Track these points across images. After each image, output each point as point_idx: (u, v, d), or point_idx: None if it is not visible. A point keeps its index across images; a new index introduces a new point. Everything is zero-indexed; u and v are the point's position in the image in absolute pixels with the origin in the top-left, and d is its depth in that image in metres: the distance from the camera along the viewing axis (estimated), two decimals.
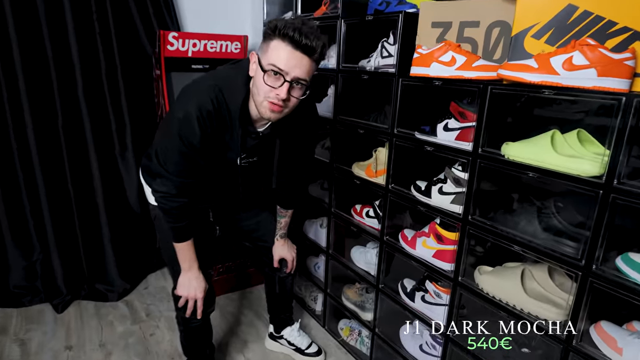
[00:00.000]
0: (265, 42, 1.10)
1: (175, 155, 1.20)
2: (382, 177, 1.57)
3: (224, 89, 1.16)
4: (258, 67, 1.11)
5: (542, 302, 1.15)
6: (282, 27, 1.04)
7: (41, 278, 2.05)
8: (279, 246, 1.65)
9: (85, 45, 1.95)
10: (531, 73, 1.00)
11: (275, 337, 1.85)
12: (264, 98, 1.13)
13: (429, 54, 1.27)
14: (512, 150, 1.13)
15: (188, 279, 1.38)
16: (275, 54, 1.07)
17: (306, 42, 1.05)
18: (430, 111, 1.45)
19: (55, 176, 1.99)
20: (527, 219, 1.18)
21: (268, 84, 1.10)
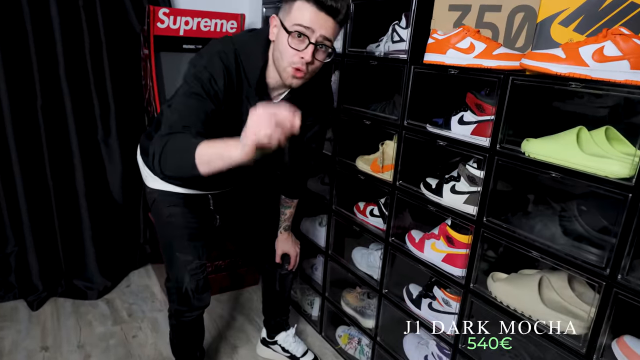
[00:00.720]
0: (287, 4, 1.12)
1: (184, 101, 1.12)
2: (389, 173, 1.55)
3: (241, 54, 1.17)
4: (281, 30, 1.12)
5: (560, 313, 1.15)
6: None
7: (15, 272, 2.04)
8: (283, 240, 1.66)
9: (67, 19, 1.92)
10: (558, 64, 0.98)
11: (268, 343, 1.85)
12: (288, 63, 1.14)
13: (445, 40, 1.26)
14: (534, 148, 1.12)
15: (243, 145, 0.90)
16: (299, 14, 1.09)
17: (331, 4, 1.07)
18: (444, 102, 1.44)
19: (33, 162, 1.98)
20: (546, 223, 1.17)
21: (292, 47, 1.11)
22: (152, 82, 1.99)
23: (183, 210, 1.42)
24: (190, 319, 1.50)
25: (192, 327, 1.54)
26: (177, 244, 1.43)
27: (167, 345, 1.83)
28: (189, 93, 1.12)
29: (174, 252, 1.43)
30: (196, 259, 1.45)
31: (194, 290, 1.45)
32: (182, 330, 1.55)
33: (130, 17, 2.10)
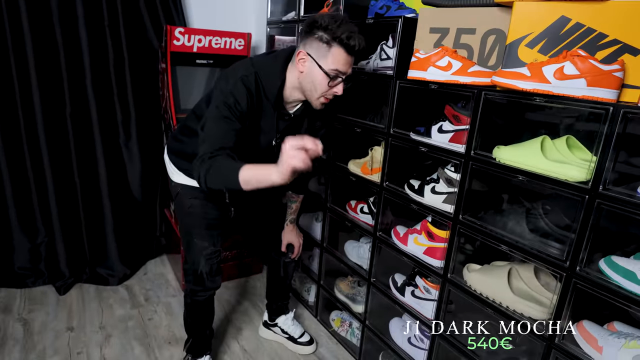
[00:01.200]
0: (321, 46, 1.16)
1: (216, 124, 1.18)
2: (377, 175, 1.57)
3: (261, 76, 1.23)
4: (315, 67, 1.18)
5: (527, 300, 1.16)
6: (344, 37, 1.13)
7: (45, 260, 2.05)
8: (288, 231, 1.69)
9: (94, 37, 1.94)
10: (524, 81, 1.00)
11: (269, 325, 1.86)
12: (321, 95, 1.23)
13: (426, 59, 1.27)
14: (503, 154, 1.14)
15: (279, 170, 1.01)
16: (337, 60, 1.17)
17: (358, 48, 1.17)
18: (426, 113, 1.46)
19: (62, 163, 1.99)
20: (515, 220, 1.18)
21: (329, 85, 1.21)
22: (168, 93, 2.00)
23: (202, 202, 1.45)
24: (203, 298, 1.52)
25: (204, 306, 1.56)
26: (195, 232, 1.46)
27: (180, 326, 1.85)
28: (220, 117, 1.18)
29: (193, 239, 1.45)
30: (211, 245, 1.47)
31: (207, 273, 1.47)
32: (195, 309, 1.56)
33: (150, 35, 2.11)
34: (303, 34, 1.20)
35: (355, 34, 1.15)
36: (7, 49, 1.80)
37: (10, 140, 1.90)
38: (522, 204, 1.25)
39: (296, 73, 1.23)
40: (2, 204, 1.96)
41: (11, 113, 1.88)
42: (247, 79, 1.20)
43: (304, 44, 1.20)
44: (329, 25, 1.13)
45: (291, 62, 1.25)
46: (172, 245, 2.30)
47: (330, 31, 1.14)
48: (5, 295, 1.99)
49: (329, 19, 1.14)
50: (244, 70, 1.21)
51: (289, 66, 1.25)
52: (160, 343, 1.75)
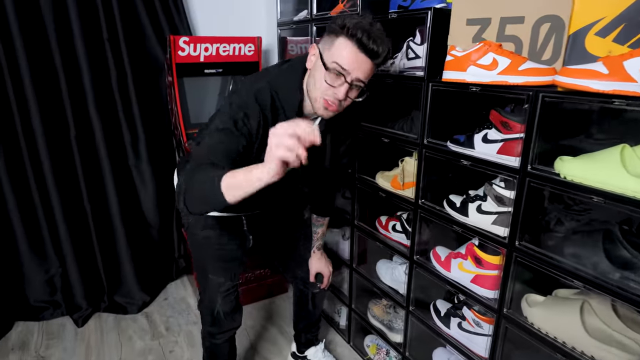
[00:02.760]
0: (329, 37, 1.00)
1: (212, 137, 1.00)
2: (410, 190, 1.38)
3: (278, 91, 1.06)
4: (319, 61, 1.01)
5: (607, 345, 0.96)
6: (352, 27, 0.95)
7: (61, 292, 1.97)
8: (316, 259, 1.52)
9: (93, 52, 1.82)
10: (600, 80, 0.80)
11: (297, 357, 1.71)
12: (320, 95, 1.03)
13: (465, 57, 1.07)
14: (571, 169, 0.93)
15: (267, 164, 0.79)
16: (339, 53, 0.98)
17: (373, 47, 0.96)
18: (464, 119, 1.26)
19: (70, 189, 1.89)
20: (588, 247, 0.97)
21: (328, 82, 1.01)
22: (176, 107, 1.87)
23: (217, 232, 1.30)
24: (222, 340, 1.40)
25: (224, 349, 1.44)
26: (210, 266, 1.32)
27: None
28: (219, 129, 1.00)
29: (207, 274, 1.33)
30: (228, 280, 1.34)
31: (225, 312, 1.34)
32: (214, 353, 1.44)
33: (153, 47, 1.98)
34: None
35: (372, 30, 0.96)
36: (1, 73, 1.70)
37: (14, 169, 1.81)
38: (594, 226, 1.04)
39: (307, 77, 1.08)
40: (11, 235, 1.88)
41: (11, 140, 1.78)
42: (261, 95, 1.03)
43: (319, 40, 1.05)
44: (347, 21, 0.96)
45: (307, 75, 1.09)
46: (192, 266, 2.18)
47: (342, 21, 0.96)
48: (22, 330, 1.92)
49: (351, 17, 0.97)
50: (257, 85, 1.05)
51: (305, 78, 1.09)
52: None
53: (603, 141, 0.97)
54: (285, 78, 1.08)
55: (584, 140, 1.03)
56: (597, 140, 0.99)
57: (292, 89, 1.07)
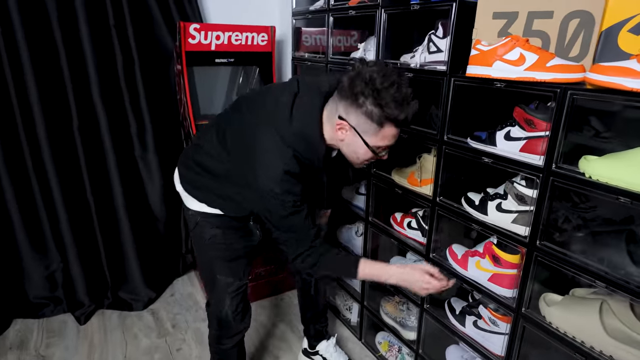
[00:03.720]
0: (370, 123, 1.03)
1: (295, 219, 1.12)
2: (428, 187, 1.41)
3: (302, 153, 1.10)
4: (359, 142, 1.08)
5: (627, 345, 0.99)
6: (396, 116, 1.01)
7: (62, 287, 2.00)
8: None
9: (99, 39, 1.83)
10: (633, 78, 0.82)
11: (309, 354, 1.75)
12: (362, 162, 1.16)
13: (491, 51, 1.09)
14: (597, 169, 0.95)
15: (404, 280, 1.23)
16: (387, 138, 1.07)
17: (409, 121, 1.06)
18: (485, 116, 1.28)
19: (72, 182, 1.91)
20: (612, 247, 1.00)
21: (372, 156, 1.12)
22: (185, 97, 1.89)
23: (225, 231, 1.33)
24: (229, 346, 1.41)
25: (232, 355, 1.45)
26: (217, 266, 1.34)
27: None
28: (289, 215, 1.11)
29: (215, 275, 1.35)
30: (237, 280, 1.36)
31: (234, 312, 1.36)
32: (222, 358, 1.46)
33: (162, 33, 2.00)
34: (345, 95, 1.03)
35: (409, 103, 1.02)
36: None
37: (13, 160, 1.81)
38: (616, 224, 1.07)
39: (333, 135, 1.11)
40: (10, 229, 1.89)
41: (10, 130, 1.78)
42: (291, 168, 1.07)
43: (346, 110, 1.04)
44: (382, 96, 0.98)
45: (326, 120, 1.11)
46: None
47: (382, 107, 0.99)
48: (21, 327, 1.94)
49: (380, 80, 0.98)
50: (282, 159, 1.07)
51: (324, 123, 1.12)
52: None
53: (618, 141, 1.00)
54: (305, 136, 1.10)
55: (602, 139, 1.05)
56: (616, 140, 1.02)
57: (316, 148, 1.12)
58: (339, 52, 1.83)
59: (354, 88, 1.00)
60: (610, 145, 1.03)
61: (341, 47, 1.91)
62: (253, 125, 1.12)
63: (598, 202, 1.08)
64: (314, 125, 1.10)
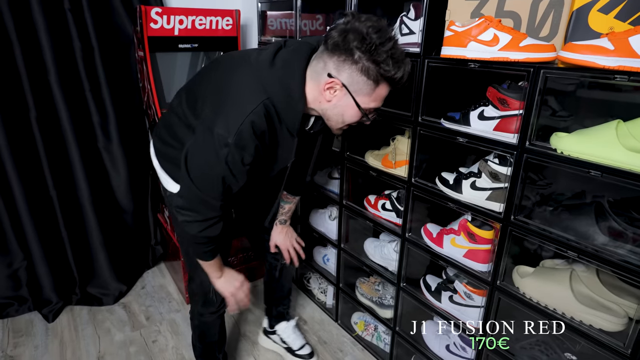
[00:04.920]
0: (365, 80, 0.92)
1: (219, 183, 0.99)
2: (403, 169, 1.39)
3: (277, 104, 0.96)
4: (350, 102, 0.96)
5: (595, 309, 1.02)
6: (393, 75, 0.91)
7: (27, 286, 1.83)
8: (277, 232, 1.50)
9: (55, 25, 1.66)
10: (605, 56, 0.82)
11: (268, 333, 1.72)
12: (343, 124, 1.03)
13: (465, 32, 1.07)
14: (568, 144, 0.96)
15: (226, 281, 1.25)
16: (379, 97, 0.97)
17: (404, 82, 0.96)
18: (457, 97, 1.27)
19: (32, 175, 1.74)
20: (582, 219, 1.02)
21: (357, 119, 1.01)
22: (150, 84, 1.75)
23: None
24: (212, 318, 1.36)
25: (214, 326, 1.39)
26: None
27: (188, 347, 1.69)
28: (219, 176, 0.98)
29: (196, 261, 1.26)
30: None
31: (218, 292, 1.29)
32: (204, 331, 1.40)
33: (121, 18, 1.84)
34: (336, 48, 0.90)
35: (406, 63, 0.93)
36: None
37: None
38: (584, 198, 1.09)
39: (317, 96, 0.98)
40: None
41: None
42: (259, 124, 0.94)
43: (337, 66, 0.91)
44: (378, 51, 0.87)
45: (309, 77, 0.97)
46: (169, 253, 2.11)
47: (378, 63, 0.88)
48: None
49: (376, 35, 0.87)
50: (252, 106, 0.93)
51: (307, 81, 0.97)
52: None
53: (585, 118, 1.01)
54: (285, 88, 0.96)
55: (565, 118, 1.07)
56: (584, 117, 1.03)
57: (295, 103, 0.97)
58: (305, 35, 1.77)
59: (348, 43, 0.87)
60: (577, 123, 1.05)
61: (307, 31, 1.84)
62: (228, 76, 0.99)
63: (568, 177, 1.10)
64: (297, 76, 0.96)
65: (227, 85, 0.98)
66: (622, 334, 0.98)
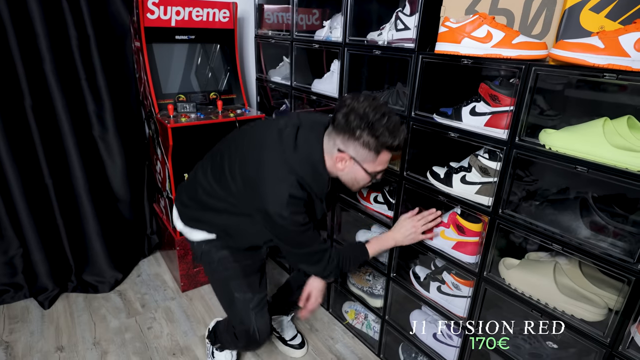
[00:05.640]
0: (368, 152, 1.07)
1: (306, 235, 1.14)
2: (395, 163, 1.39)
3: (306, 178, 1.11)
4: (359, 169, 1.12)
5: (577, 300, 1.04)
6: (391, 144, 1.05)
7: (23, 273, 1.81)
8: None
9: (50, 14, 1.61)
10: (596, 54, 0.82)
11: None
12: (361, 186, 1.18)
13: (459, 28, 1.07)
14: (556, 141, 0.97)
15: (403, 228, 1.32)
16: (382, 163, 1.11)
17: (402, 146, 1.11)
18: (449, 93, 1.27)
19: (28, 164, 1.71)
20: (568, 213, 1.03)
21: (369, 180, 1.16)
22: (146, 75, 1.73)
23: (232, 250, 1.30)
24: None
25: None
26: (233, 284, 1.29)
27: (183, 334, 1.69)
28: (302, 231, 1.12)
29: (233, 294, 1.29)
30: (256, 293, 1.30)
31: (261, 328, 1.30)
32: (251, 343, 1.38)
33: (118, 7, 1.80)
34: (342, 129, 1.06)
35: (400, 131, 1.06)
36: None
37: None
38: (568, 193, 1.10)
39: (332, 165, 1.13)
40: None
41: None
42: (296, 193, 1.08)
43: (344, 143, 1.07)
44: (376, 128, 1.02)
45: (325, 151, 1.12)
46: (164, 242, 2.09)
47: (377, 137, 1.03)
48: None
49: (373, 114, 1.02)
50: (287, 185, 1.07)
51: (326, 156, 1.12)
52: (163, 356, 1.58)
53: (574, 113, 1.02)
54: (310, 165, 1.11)
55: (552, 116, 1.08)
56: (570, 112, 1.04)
57: (320, 177, 1.13)
58: (301, 30, 1.75)
59: (350, 123, 1.03)
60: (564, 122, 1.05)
61: (303, 25, 1.82)
62: (256, 155, 1.12)
63: (553, 173, 1.10)
64: (319, 153, 1.11)
65: (258, 166, 1.11)
66: (602, 323, 0.99)
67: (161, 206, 2.04)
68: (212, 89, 1.92)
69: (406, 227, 1.29)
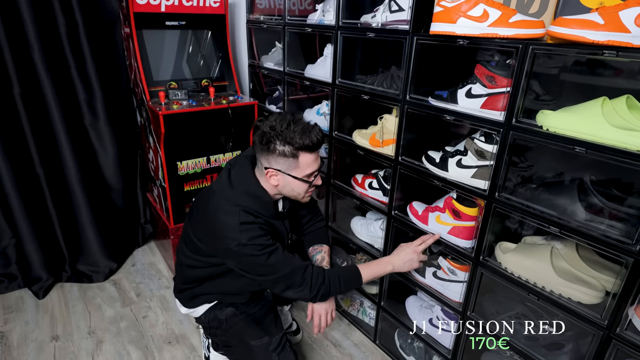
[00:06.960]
0: (287, 160, 1.11)
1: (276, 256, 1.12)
2: (390, 148, 1.36)
3: (249, 205, 1.13)
4: (290, 179, 1.14)
5: (574, 283, 1.02)
6: (304, 144, 1.09)
7: (16, 263, 1.77)
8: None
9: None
10: (595, 30, 0.78)
11: None
12: (304, 193, 1.19)
13: (455, 8, 1.02)
14: (553, 121, 0.93)
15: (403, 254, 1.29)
16: (306, 164, 1.13)
17: (317, 142, 1.12)
18: (444, 75, 1.23)
19: (18, 153, 1.67)
20: (565, 196, 1.00)
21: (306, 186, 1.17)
22: (137, 62, 1.67)
23: (237, 306, 1.28)
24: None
25: None
26: (248, 335, 1.26)
27: (178, 322, 1.67)
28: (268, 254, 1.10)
29: (249, 344, 1.25)
30: (273, 335, 1.27)
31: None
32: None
33: None
34: (260, 149, 1.12)
35: (310, 130, 1.10)
36: None
37: None
38: (564, 177, 1.08)
39: (270, 185, 1.17)
40: None
41: None
42: (246, 219, 1.10)
43: (267, 160, 1.13)
44: (285, 135, 1.08)
45: (259, 176, 1.18)
46: (159, 231, 2.05)
47: (290, 142, 1.09)
48: None
49: (279, 125, 1.08)
50: (235, 216, 1.10)
51: (260, 180, 1.17)
52: (159, 344, 1.56)
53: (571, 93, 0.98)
54: (249, 195, 1.14)
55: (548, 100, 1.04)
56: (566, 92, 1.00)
57: (261, 201, 1.15)
58: (293, 14, 1.70)
59: (263, 141, 1.10)
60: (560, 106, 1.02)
61: (295, 10, 1.77)
62: (206, 209, 1.17)
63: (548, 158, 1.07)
64: (251, 181, 1.16)
65: (209, 215, 1.14)
66: (599, 306, 0.98)
67: (154, 195, 2.00)
68: (204, 76, 1.87)
69: (406, 252, 1.26)
